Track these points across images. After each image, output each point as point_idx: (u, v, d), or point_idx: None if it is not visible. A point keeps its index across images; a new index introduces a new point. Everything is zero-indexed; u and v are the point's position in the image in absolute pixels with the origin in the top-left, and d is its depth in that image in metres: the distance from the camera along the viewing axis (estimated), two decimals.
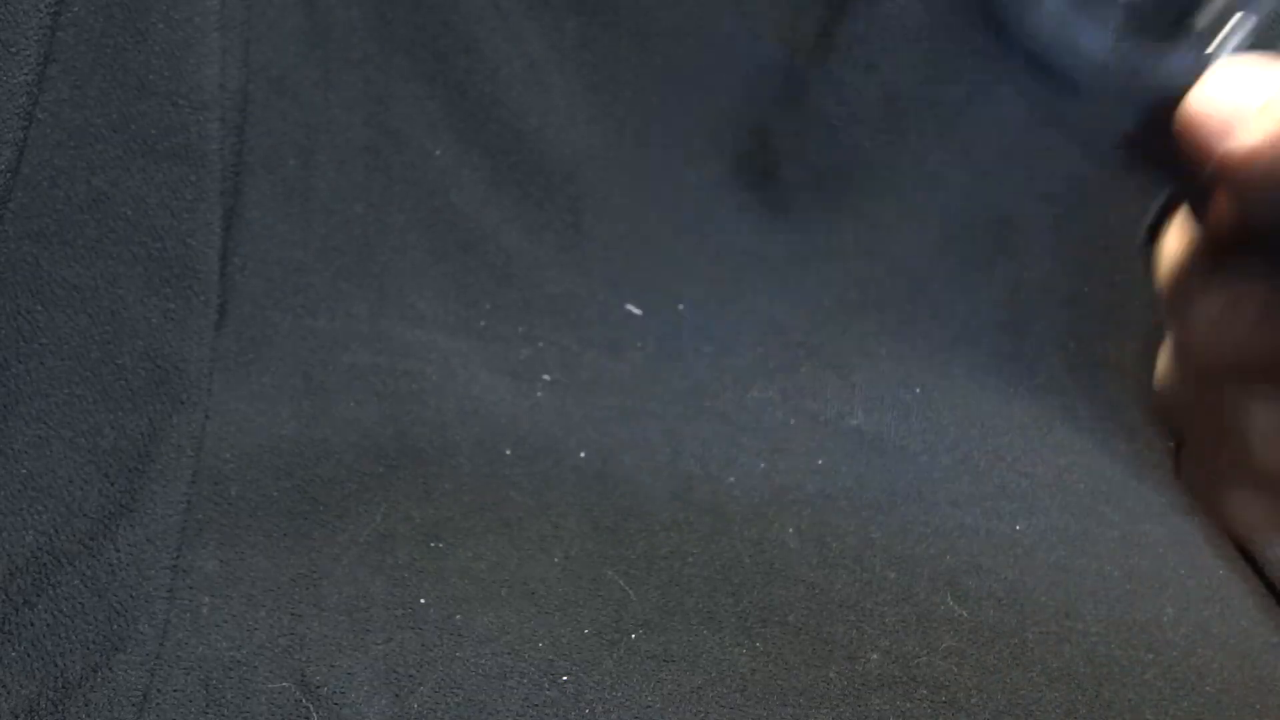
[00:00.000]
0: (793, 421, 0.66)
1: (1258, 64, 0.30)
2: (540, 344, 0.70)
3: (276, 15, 0.71)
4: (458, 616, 0.51)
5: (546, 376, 0.67)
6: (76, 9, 0.57)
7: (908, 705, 0.49)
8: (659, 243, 0.74)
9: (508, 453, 0.61)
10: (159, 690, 0.47)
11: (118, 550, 0.51)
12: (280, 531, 0.55)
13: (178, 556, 0.52)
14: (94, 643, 0.48)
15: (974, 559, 0.57)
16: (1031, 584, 0.56)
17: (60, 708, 0.45)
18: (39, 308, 0.56)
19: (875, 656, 0.51)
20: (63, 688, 0.46)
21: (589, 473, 0.60)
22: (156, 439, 0.55)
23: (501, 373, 0.67)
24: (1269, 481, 0.30)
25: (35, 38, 0.52)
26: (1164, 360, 0.33)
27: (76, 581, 0.49)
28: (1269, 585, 0.57)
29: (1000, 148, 0.77)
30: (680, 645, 0.51)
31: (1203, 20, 0.31)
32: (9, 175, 0.53)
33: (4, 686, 0.46)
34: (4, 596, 0.49)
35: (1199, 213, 0.30)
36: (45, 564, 0.50)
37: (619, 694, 0.48)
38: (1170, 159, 0.30)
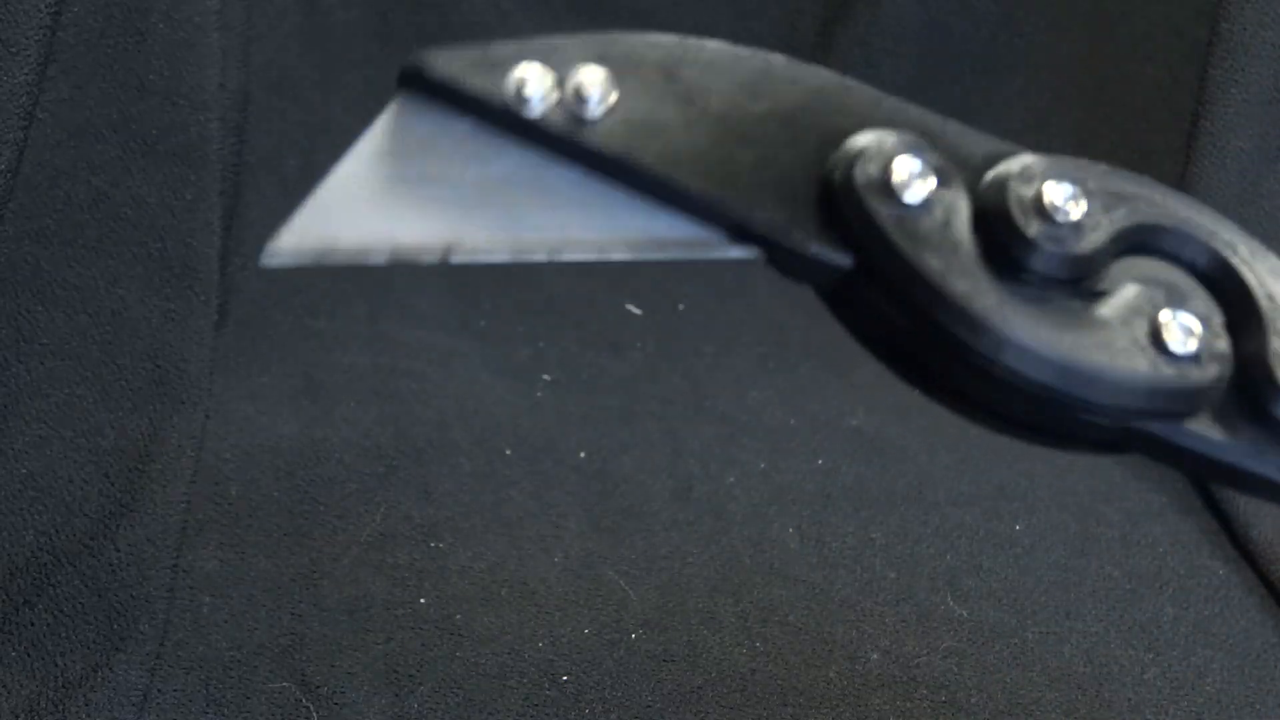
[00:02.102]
0: (793, 421, 0.66)
1: None
2: (540, 344, 0.70)
3: (276, 15, 0.71)
4: (458, 616, 0.51)
5: (546, 376, 0.67)
6: (76, 9, 0.57)
7: (908, 705, 0.49)
8: None
9: (508, 453, 0.61)
10: (159, 690, 0.47)
11: (118, 550, 0.51)
12: (280, 531, 0.55)
13: (178, 556, 0.52)
14: (94, 643, 0.48)
15: (974, 559, 0.57)
16: (1031, 584, 0.56)
17: (60, 708, 0.45)
18: (39, 308, 0.56)
19: (875, 656, 0.51)
20: (63, 688, 0.46)
21: (589, 473, 0.60)
22: (156, 439, 0.55)
23: (501, 373, 0.67)
24: None
25: (35, 38, 0.52)
26: None
27: (76, 581, 0.49)
28: (1269, 585, 0.57)
29: None
30: (680, 645, 0.51)
31: None
32: (9, 175, 0.53)
33: (4, 686, 0.46)
34: (4, 596, 0.49)
35: None
36: (45, 564, 0.50)
37: (619, 694, 0.48)
38: None
